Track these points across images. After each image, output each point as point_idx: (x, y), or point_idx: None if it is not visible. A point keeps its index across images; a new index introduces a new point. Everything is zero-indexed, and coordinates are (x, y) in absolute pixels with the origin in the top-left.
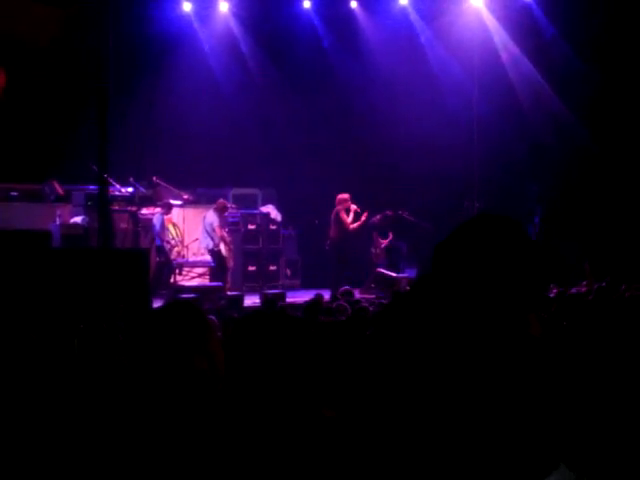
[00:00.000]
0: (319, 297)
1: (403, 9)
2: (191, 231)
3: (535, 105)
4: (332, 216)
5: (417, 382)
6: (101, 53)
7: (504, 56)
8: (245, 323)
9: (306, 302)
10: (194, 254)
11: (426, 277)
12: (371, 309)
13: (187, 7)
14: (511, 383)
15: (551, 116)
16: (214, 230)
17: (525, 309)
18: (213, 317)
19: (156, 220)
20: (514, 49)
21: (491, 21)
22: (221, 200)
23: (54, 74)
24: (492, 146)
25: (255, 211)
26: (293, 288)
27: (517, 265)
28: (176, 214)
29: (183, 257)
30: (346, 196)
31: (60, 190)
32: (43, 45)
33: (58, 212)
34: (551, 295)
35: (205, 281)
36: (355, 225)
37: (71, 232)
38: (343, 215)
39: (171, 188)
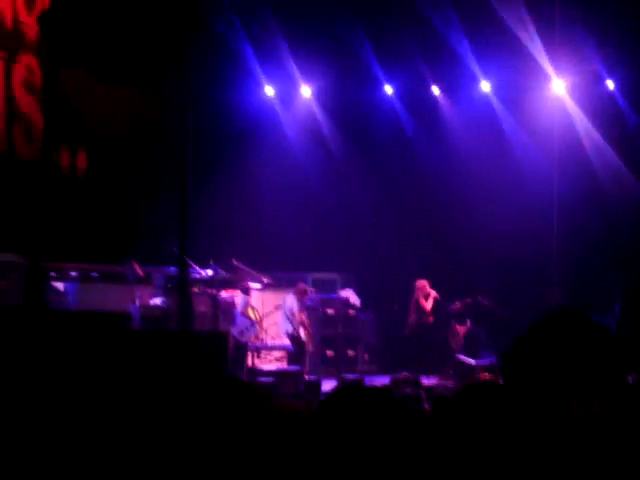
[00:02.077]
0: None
1: (485, 96)
2: (272, 313)
3: (617, 193)
4: (411, 302)
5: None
6: (182, 136)
7: (587, 143)
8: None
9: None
10: (272, 337)
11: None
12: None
13: (270, 91)
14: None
15: (634, 204)
16: (293, 314)
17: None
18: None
19: (239, 300)
20: (597, 137)
21: (573, 109)
22: (301, 284)
23: (136, 157)
24: (573, 233)
25: (334, 295)
26: (371, 373)
27: (594, 365)
28: (255, 297)
29: (261, 340)
30: (425, 282)
31: (140, 271)
32: (123, 127)
33: (138, 293)
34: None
35: (283, 365)
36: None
37: (151, 314)
38: (422, 301)
39: (250, 271)
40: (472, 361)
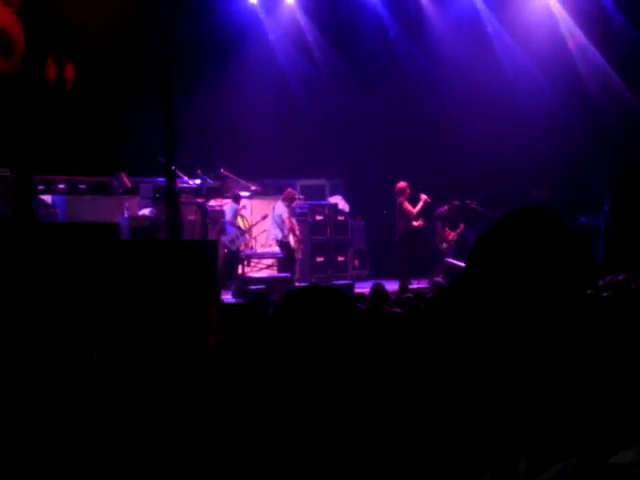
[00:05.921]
0: (379, 286)
1: None
2: (259, 223)
3: (602, 93)
4: (397, 207)
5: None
6: (167, 46)
7: (571, 44)
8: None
9: (370, 292)
10: (262, 245)
11: (458, 281)
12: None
13: None
14: (561, 375)
15: (618, 104)
16: (283, 221)
17: (570, 304)
18: None
19: (228, 209)
20: (581, 37)
21: (557, 9)
22: (289, 190)
23: (121, 68)
24: (560, 134)
25: (323, 202)
26: (361, 279)
27: (559, 259)
28: (244, 206)
29: (251, 248)
30: (404, 184)
31: (128, 183)
32: (108, 39)
33: (126, 205)
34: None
35: (273, 272)
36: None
37: (139, 224)
38: (406, 205)
39: (239, 180)
40: (461, 264)
